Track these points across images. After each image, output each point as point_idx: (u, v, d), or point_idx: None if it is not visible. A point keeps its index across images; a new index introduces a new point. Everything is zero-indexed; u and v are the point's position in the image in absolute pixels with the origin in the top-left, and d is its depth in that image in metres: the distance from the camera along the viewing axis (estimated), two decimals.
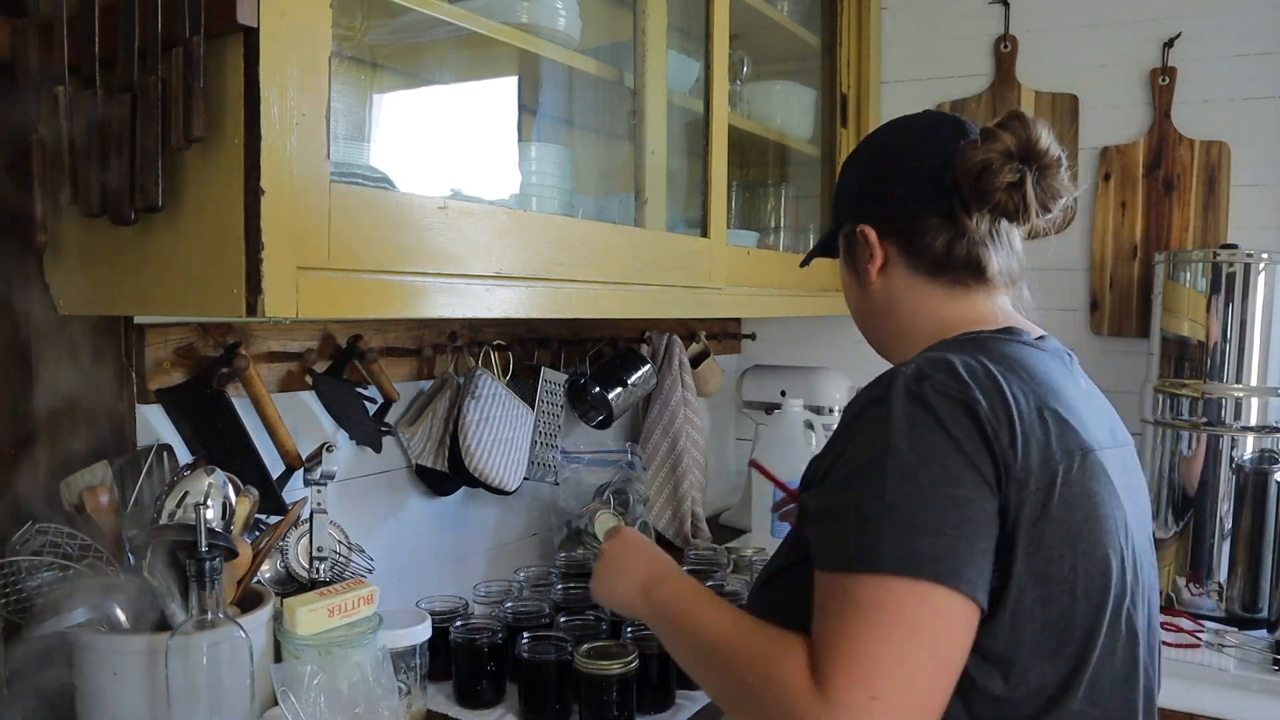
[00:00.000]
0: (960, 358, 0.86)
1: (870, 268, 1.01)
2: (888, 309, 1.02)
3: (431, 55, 1.47)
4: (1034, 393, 0.86)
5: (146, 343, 1.22)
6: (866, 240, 1.01)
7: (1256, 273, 1.78)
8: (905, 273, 1.00)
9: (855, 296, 1.07)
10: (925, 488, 0.80)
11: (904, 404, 0.82)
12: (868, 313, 1.06)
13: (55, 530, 1.09)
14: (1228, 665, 1.62)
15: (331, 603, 1.17)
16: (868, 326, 1.07)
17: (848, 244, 1.05)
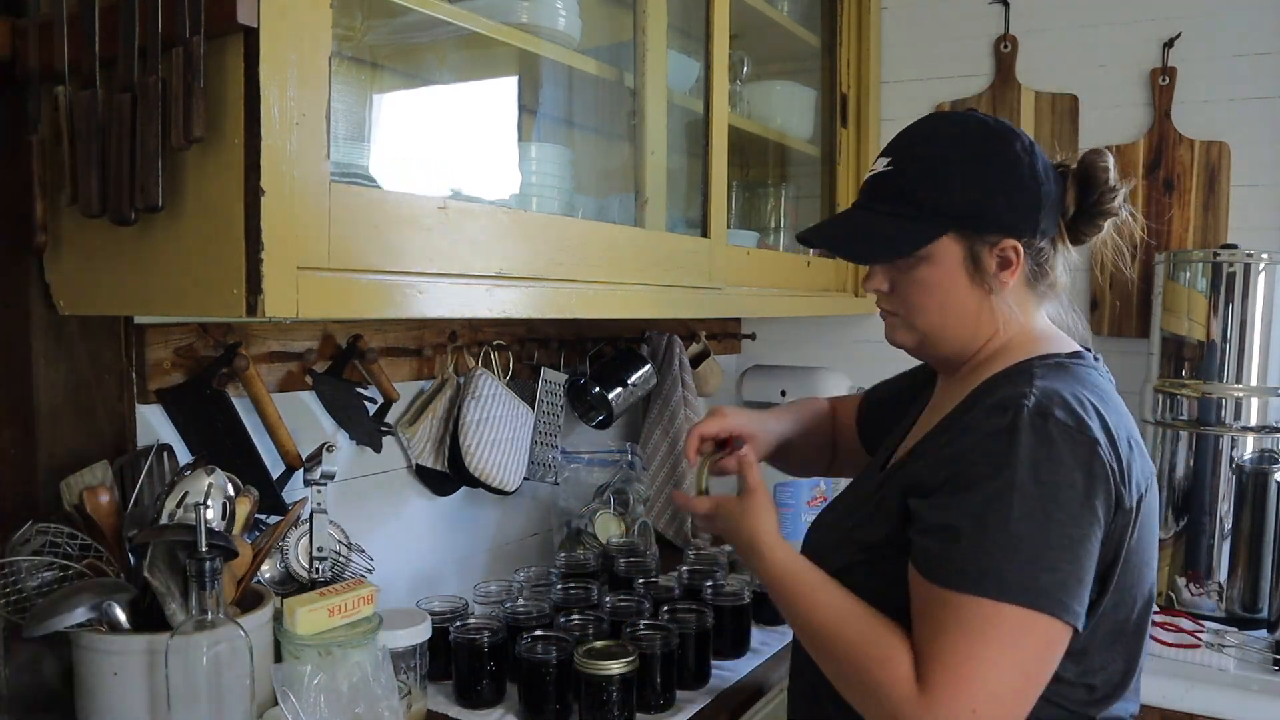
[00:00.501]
0: (1069, 391, 0.94)
1: (1006, 278, 1.03)
2: (999, 318, 1.05)
3: (431, 55, 1.47)
4: (1122, 423, 0.96)
5: (146, 343, 1.22)
6: (1012, 255, 1.02)
7: (1256, 273, 1.78)
8: (1020, 284, 1.05)
9: (963, 305, 1.05)
10: (1048, 523, 0.88)
11: (1030, 438, 0.90)
12: (973, 319, 1.06)
13: (55, 530, 1.09)
14: (1228, 665, 1.62)
15: (331, 603, 1.17)
16: (962, 331, 1.06)
17: (973, 251, 1.03)
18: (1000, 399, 0.94)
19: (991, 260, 1.02)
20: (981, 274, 1.03)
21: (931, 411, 1.13)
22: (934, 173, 1.03)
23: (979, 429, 0.94)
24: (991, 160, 1.02)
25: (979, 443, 0.92)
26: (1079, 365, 1.02)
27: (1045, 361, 1.01)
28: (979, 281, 1.04)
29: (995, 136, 1.03)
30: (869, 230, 1.06)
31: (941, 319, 1.06)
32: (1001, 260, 1.02)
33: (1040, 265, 1.05)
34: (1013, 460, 0.89)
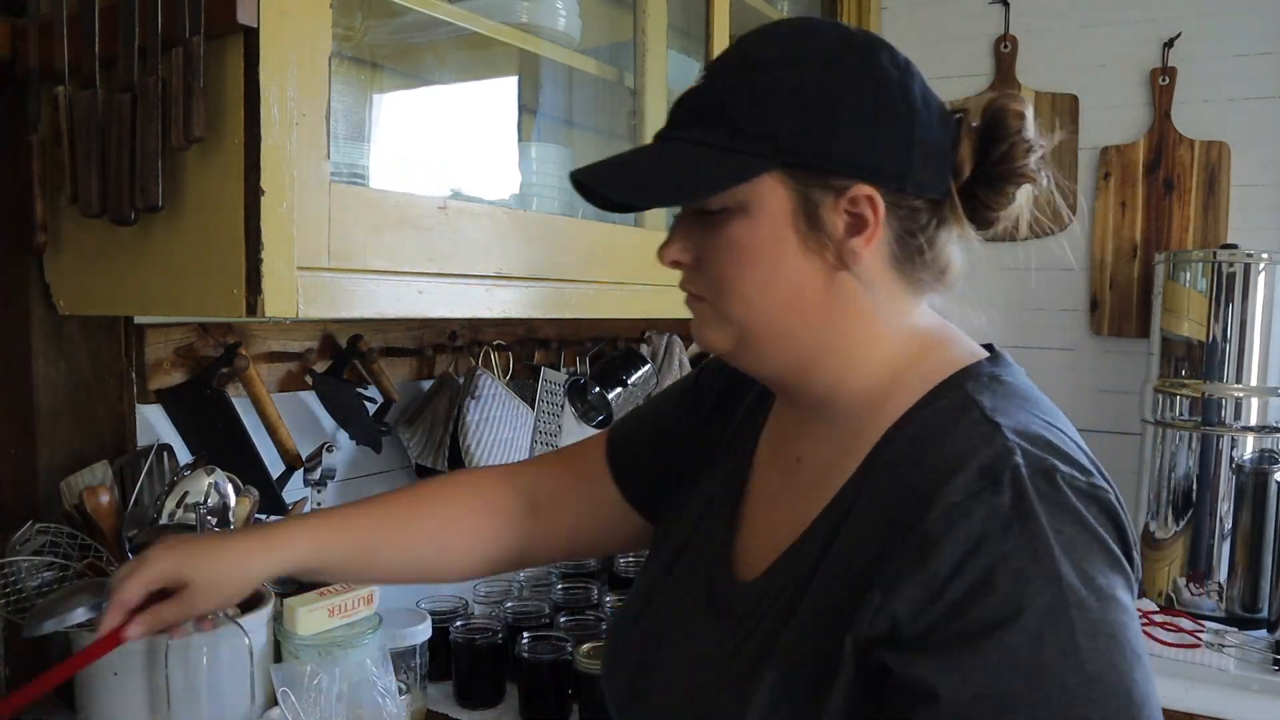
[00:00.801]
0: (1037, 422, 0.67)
1: (859, 245, 0.69)
2: (855, 307, 0.71)
3: (431, 55, 1.47)
4: None
5: (146, 343, 1.22)
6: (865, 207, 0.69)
7: (1256, 273, 1.78)
8: (883, 263, 0.71)
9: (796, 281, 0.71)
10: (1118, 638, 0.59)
11: (1053, 519, 0.60)
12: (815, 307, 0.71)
13: (55, 530, 1.09)
14: (1228, 665, 1.62)
15: (331, 603, 1.17)
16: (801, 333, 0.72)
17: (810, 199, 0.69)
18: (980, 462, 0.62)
19: (836, 217, 0.69)
20: (820, 235, 0.69)
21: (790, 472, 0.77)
22: (759, 81, 0.69)
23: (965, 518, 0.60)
24: (845, 69, 0.69)
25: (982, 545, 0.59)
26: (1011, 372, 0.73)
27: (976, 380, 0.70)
28: (816, 247, 0.69)
29: (854, 42, 0.71)
30: (659, 165, 0.72)
31: (765, 304, 0.71)
32: (852, 218, 0.69)
33: (914, 238, 0.71)
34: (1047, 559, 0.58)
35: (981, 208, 0.73)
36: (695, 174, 0.70)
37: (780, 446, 0.81)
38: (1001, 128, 0.72)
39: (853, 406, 0.73)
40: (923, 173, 0.70)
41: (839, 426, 0.74)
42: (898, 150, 0.69)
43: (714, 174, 0.69)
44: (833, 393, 0.74)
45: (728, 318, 0.73)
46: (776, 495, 0.79)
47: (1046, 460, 0.63)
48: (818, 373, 0.73)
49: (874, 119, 0.69)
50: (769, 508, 0.79)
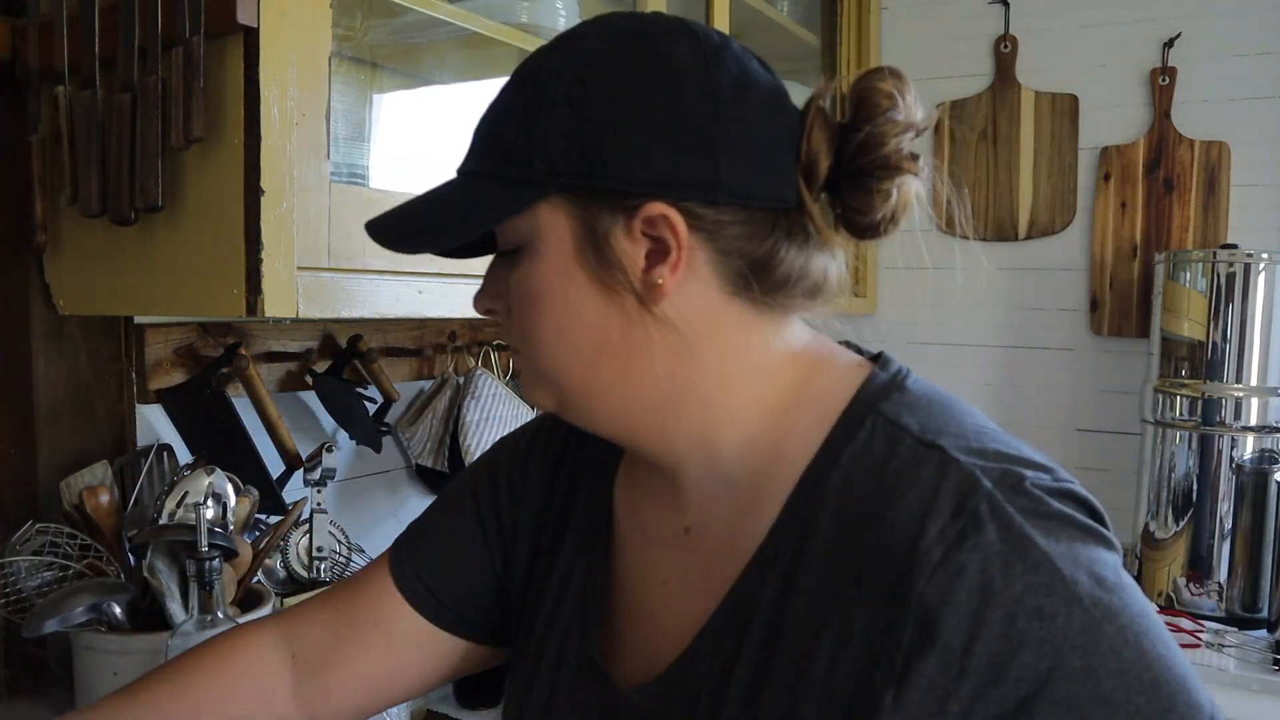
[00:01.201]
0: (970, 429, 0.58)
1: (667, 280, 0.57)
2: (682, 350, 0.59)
3: (431, 55, 1.47)
4: None
5: (146, 343, 1.22)
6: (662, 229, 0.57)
7: (1256, 273, 1.78)
8: (716, 292, 0.59)
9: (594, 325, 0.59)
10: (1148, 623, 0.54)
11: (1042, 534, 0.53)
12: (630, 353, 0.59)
13: (55, 530, 1.09)
14: (1228, 665, 1.62)
15: None
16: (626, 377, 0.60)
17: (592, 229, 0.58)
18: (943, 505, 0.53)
19: (633, 244, 0.57)
20: (611, 266, 0.58)
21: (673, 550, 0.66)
22: (529, 97, 0.59)
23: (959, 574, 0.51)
24: (625, 71, 0.57)
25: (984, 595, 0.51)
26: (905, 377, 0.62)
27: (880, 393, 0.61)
28: (612, 283, 0.58)
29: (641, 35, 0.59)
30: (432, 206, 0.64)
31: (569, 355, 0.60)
32: (654, 243, 0.57)
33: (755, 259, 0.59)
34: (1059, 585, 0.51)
35: (851, 212, 0.60)
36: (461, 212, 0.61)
37: (655, 519, 0.67)
38: (863, 110, 0.58)
39: (741, 459, 0.62)
40: (741, 179, 0.57)
41: (731, 483, 0.62)
42: (697, 155, 0.56)
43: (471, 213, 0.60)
44: (706, 448, 0.62)
45: (540, 372, 0.62)
46: (668, 576, 0.66)
47: (1010, 473, 0.54)
48: (673, 429, 0.62)
49: (662, 121, 0.56)
50: (660, 594, 0.66)
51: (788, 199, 0.59)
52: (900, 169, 0.58)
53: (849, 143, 0.59)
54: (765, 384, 0.62)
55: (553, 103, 0.57)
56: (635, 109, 0.56)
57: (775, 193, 0.58)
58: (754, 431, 0.61)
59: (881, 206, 0.59)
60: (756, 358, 0.62)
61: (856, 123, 0.59)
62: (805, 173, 0.59)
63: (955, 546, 0.52)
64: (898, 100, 0.58)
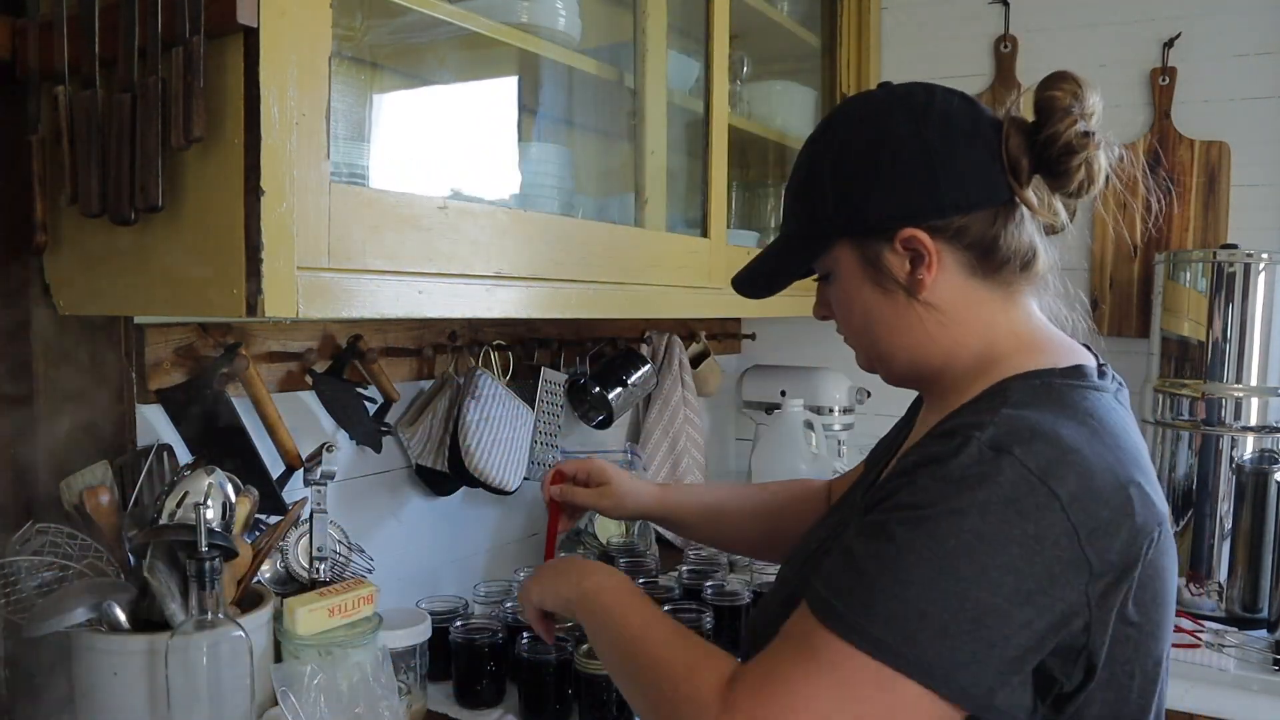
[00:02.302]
0: (1049, 424, 0.74)
1: (924, 277, 0.84)
2: (935, 325, 0.86)
3: (431, 55, 1.47)
4: (1120, 464, 0.75)
5: (146, 343, 1.22)
6: (915, 245, 0.84)
7: (1256, 273, 1.78)
8: (957, 278, 0.85)
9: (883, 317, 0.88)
10: (948, 581, 0.69)
11: (971, 474, 0.71)
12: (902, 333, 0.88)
13: (55, 530, 1.09)
14: (1228, 665, 1.62)
15: (331, 603, 1.18)
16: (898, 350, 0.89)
17: (869, 255, 0.87)
18: (953, 425, 0.77)
19: (900, 259, 0.85)
20: (886, 277, 0.86)
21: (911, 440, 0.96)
22: (807, 179, 0.89)
23: (918, 454, 0.76)
24: (859, 144, 0.86)
25: (910, 470, 0.75)
26: (1074, 386, 0.81)
27: (1029, 381, 0.81)
28: (888, 287, 0.86)
29: (867, 116, 0.87)
30: (767, 260, 0.96)
31: (871, 336, 0.90)
32: (913, 255, 0.84)
33: (986, 247, 0.84)
34: (936, 495, 0.71)
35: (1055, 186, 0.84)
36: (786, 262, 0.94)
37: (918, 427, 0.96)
38: (1047, 109, 0.83)
39: (947, 392, 0.88)
40: (958, 194, 0.82)
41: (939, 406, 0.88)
42: (922, 189, 0.83)
43: (796, 259, 0.93)
44: (939, 381, 0.89)
45: (857, 349, 0.94)
46: None
47: (1008, 440, 0.72)
48: (929, 370, 0.89)
49: (891, 174, 0.84)
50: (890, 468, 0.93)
51: (1001, 195, 0.84)
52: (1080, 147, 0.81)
53: (1038, 139, 0.82)
54: (982, 348, 0.86)
55: (822, 180, 0.87)
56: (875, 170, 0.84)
57: (989, 195, 0.83)
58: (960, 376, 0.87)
59: (1076, 178, 0.83)
60: (984, 327, 0.86)
61: (1040, 124, 0.83)
62: (1012, 171, 0.83)
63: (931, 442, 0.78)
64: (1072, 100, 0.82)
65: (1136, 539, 0.73)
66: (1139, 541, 0.73)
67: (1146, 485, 0.76)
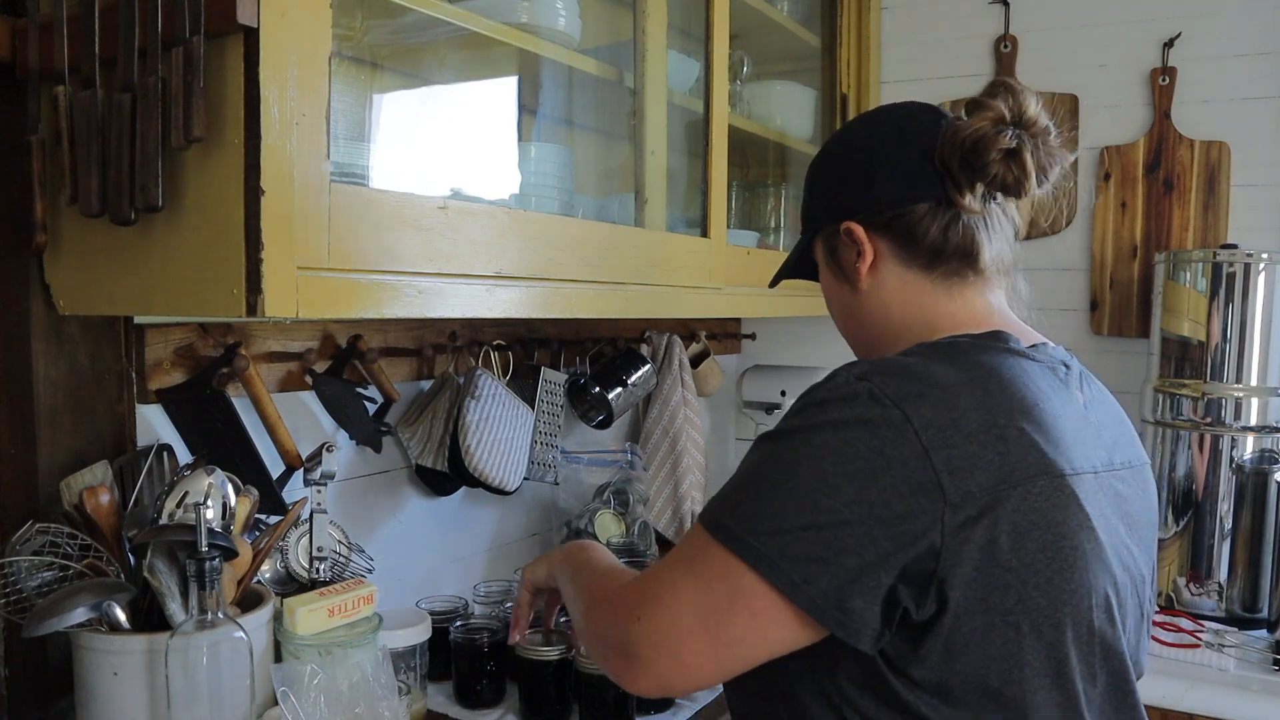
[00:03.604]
0: (914, 362, 0.81)
1: (860, 267, 0.94)
2: (880, 311, 0.95)
3: (431, 55, 1.47)
4: (998, 407, 0.78)
5: (146, 343, 1.22)
6: (853, 238, 0.94)
7: (1256, 273, 1.78)
8: (898, 268, 0.94)
9: (843, 303, 1.00)
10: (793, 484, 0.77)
11: (828, 399, 0.79)
12: (858, 319, 0.99)
13: (55, 530, 1.09)
14: (1228, 665, 1.62)
15: (331, 603, 1.18)
16: (858, 333, 1.00)
17: (830, 248, 0.99)
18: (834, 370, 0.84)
19: (849, 251, 0.95)
20: (842, 267, 0.97)
21: None
22: (807, 180, 1.03)
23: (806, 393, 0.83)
24: (830, 150, 1.00)
25: (796, 403, 0.83)
26: (978, 345, 0.86)
27: (936, 343, 0.88)
28: (844, 277, 0.97)
29: (849, 125, 1.01)
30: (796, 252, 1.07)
31: (842, 323, 1.03)
32: (855, 245, 0.94)
33: (916, 239, 0.92)
34: (796, 415, 0.80)
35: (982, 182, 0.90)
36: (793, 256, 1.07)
37: None
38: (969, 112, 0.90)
39: None
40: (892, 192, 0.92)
41: None
42: (857, 186, 0.94)
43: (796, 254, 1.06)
44: None
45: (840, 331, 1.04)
46: None
47: (871, 372, 0.79)
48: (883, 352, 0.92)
49: (839, 174, 0.97)
50: None
51: (933, 192, 0.91)
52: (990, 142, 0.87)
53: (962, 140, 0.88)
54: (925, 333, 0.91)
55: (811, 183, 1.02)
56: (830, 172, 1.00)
57: (924, 193, 0.91)
58: None
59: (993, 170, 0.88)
60: (923, 314, 0.93)
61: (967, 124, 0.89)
62: (944, 170, 0.90)
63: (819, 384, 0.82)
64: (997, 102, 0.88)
65: (1007, 478, 0.75)
66: (1009, 480, 0.75)
67: (1034, 433, 0.78)
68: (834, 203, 0.96)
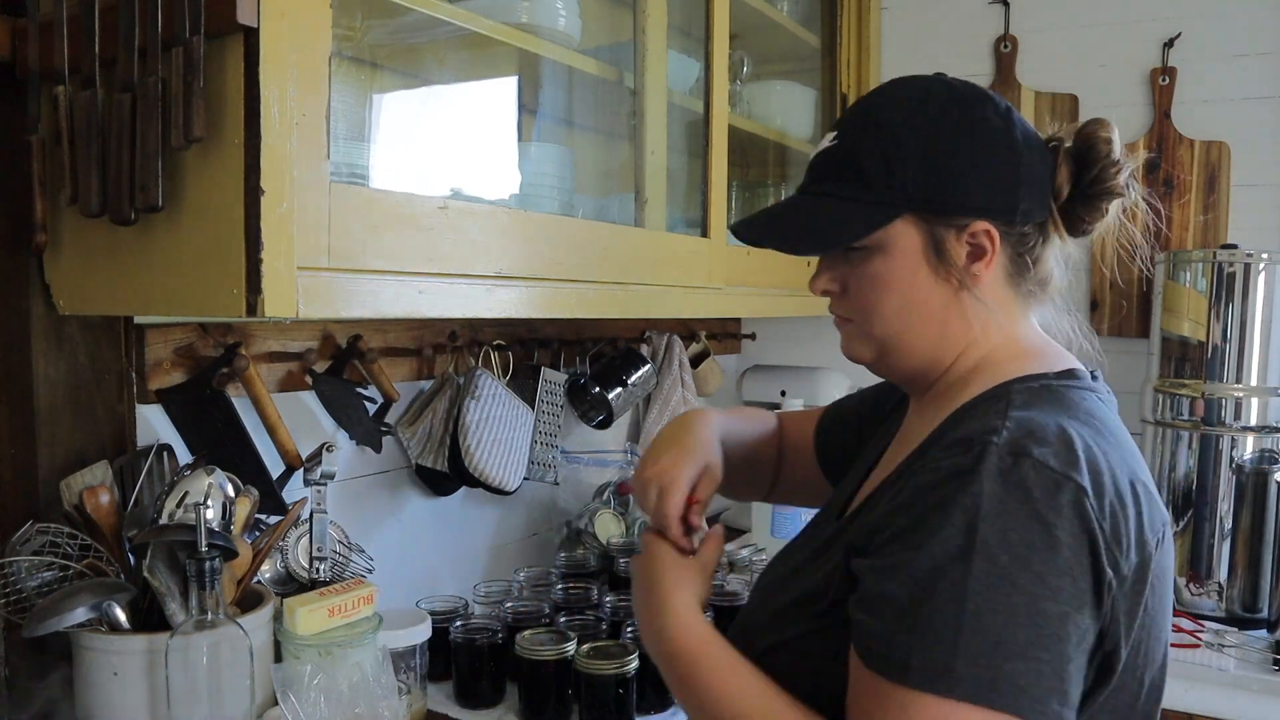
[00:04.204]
0: (1054, 422, 0.74)
1: (983, 273, 0.84)
2: (964, 320, 0.85)
3: (431, 55, 1.47)
4: (1124, 463, 0.75)
5: (146, 343, 1.22)
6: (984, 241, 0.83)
7: (1256, 273, 1.78)
8: (998, 280, 0.86)
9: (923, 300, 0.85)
10: (1016, 596, 0.67)
11: (997, 484, 0.69)
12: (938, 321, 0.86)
13: (55, 530, 1.09)
14: (1228, 665, 1.62)
15: (331, 603, 1.18)
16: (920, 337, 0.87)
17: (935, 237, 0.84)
18: (965, 433, 0.75)
19: (960, 248, 0.83)
20: (947, 265, 0.84)
21: (899, 444, 0.92)
22: (886, 143, 0.83)
23: (934, 471, 0.73)
24: (957, 125, 0.83)
25: (932, 489, 0.72)
26: (1070, 388, 0.82)
27: (1027, 384, 0.81)
28: (944, 275, 0.84)
29: (962, 99, 0.84)
30: (810, 216, 0.87)
31: (902, 324, 0.86)
32: (973, 248, 0.83)
33: (1023, 257, 0.86)
34: (973, 513, 0.69)
35: (1079, 221, 0.87)
36: (841, 223, 0.85)
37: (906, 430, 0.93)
38: (1092, 152, 0.86)
39: (941, 394, 0.87)
40: (1028, 203, 0.84)
41: (931, 410, 0.87)
42: (1006, 189, 0.83)
43: (856, 223, 0.84)
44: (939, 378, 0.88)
45: (871, 335, 0.88)
46: (889, 460, 0.91)
47: (1024, 442, 0.71)
48: (938, 366, 0.88)
49: (985, 165, 0.83)
50: (880, 471, 0.92)
51: (1045, 213, 0.86)
52: (1117, 194, 0.87)
53: (1082, 176, 0.86)
54: (987, 350, 0.86)
55: (907, 148, 0.82)
56: (966, 155, 0.82)
57: (1042, 210, 0.86)
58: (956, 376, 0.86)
59: (1101, 218, 0.87)
60: (998, 331, 0.86)
61: (1086, 160, 0.86)
62: (1055, 196, 0.86)
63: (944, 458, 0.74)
64: (1115, 144, 0.86)
65: (1148, 538, 0.74)
66: (1150, 540, 0.74)
67: (1150, 485, 0.78)
68: (965, 191, 0.82)
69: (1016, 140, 0.83)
